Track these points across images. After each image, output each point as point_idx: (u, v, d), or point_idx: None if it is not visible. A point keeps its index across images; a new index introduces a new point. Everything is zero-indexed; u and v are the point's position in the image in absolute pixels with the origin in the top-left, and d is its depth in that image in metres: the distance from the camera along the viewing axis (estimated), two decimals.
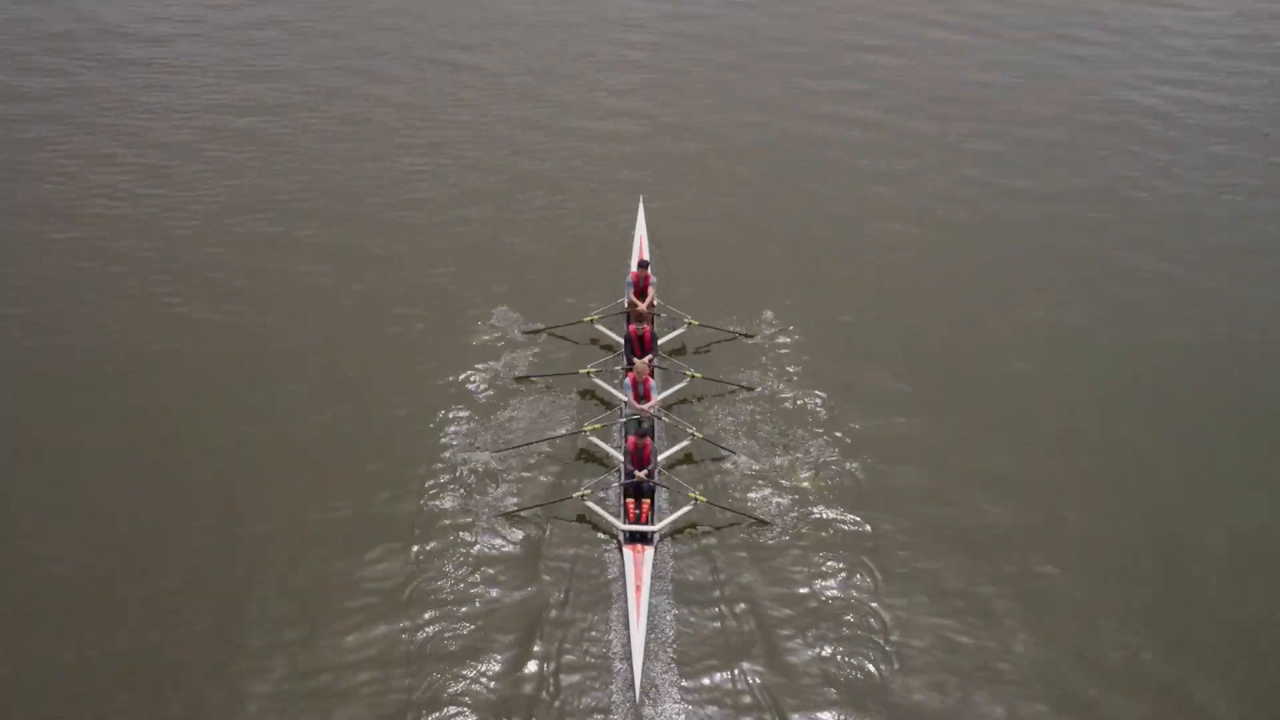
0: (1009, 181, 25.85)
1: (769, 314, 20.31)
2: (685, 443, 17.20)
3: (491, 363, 19.10)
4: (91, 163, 25.59)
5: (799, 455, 17.29)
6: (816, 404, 18.34)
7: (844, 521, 16.29)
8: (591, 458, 17.37)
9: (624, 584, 14.95)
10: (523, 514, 16.17)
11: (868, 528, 16.20)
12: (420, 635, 14.48)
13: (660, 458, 16.68)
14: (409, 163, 25.89)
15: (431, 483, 16.69)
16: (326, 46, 31.39)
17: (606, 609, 14.95)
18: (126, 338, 19.80)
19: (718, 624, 14.78)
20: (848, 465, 17.20)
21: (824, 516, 16.30)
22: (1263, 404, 18.98)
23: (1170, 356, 20.13)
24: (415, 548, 15.67)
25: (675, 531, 16.13)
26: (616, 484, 16.44)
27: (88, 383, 18.76)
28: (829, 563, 15.65)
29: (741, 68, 30.90)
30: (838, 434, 17.79)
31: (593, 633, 14.62)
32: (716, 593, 15.20)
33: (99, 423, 17.87)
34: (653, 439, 16.64)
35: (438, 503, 16.35)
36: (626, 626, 14.34)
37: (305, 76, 29.95)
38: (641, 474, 16.15)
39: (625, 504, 16.09)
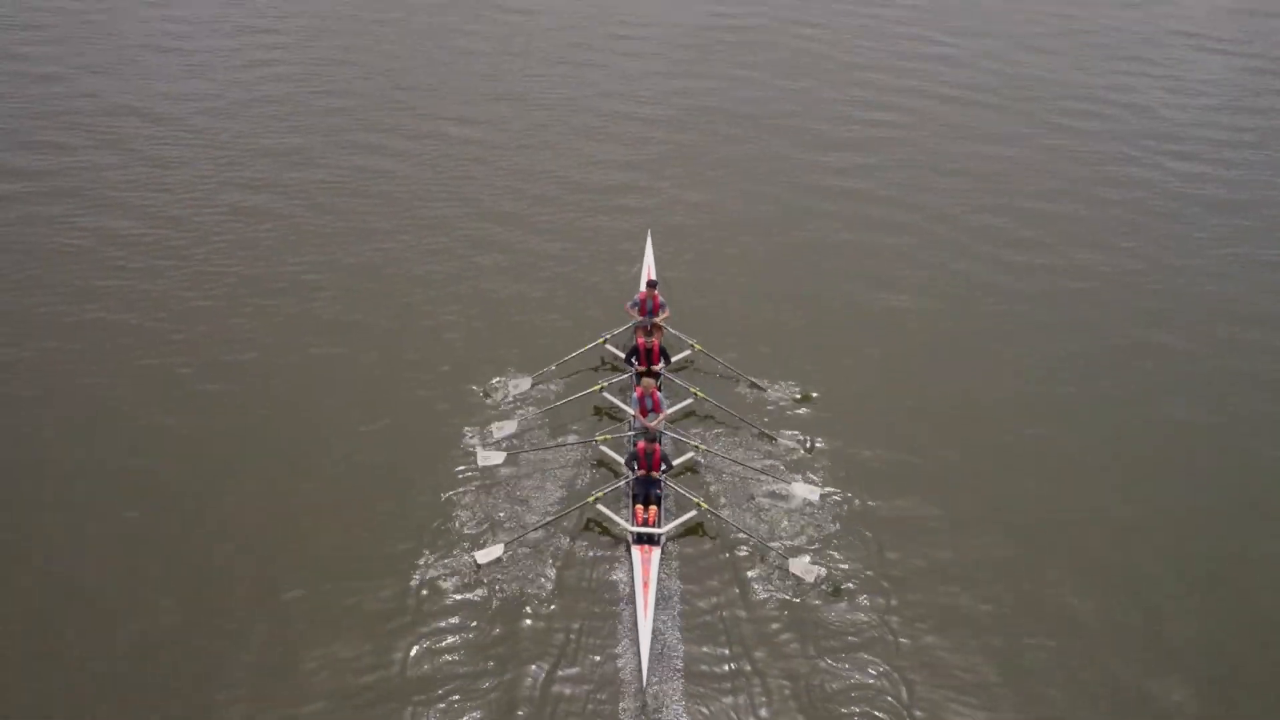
0: (1012, 254, 25.61)
1: (777, 373, 20.57)
2: (690, 454, 18.11)
3: (505, 407, 19.54)
4: (102, 240, 25.19)
5: (799, 474, 18.15)
6: (819, 444, 18.99)
7: (843, 541, 17.05)
8: (603, 465, 18.22)
9: (632, 582, 15.67)
10: (538, 517, 17.02)
11: (864, 549, 16.95)
12: (444, 625, 15.36)
13: (666, 465, 17.34)
14: (420, 236, 25.71)
15: (451, 491, 17.59)
16: (339, 122, 31.64)
17: (616, 605, 15.69)
18: (137, 410, 19.54)
19: (720, 623, 15.52)
20: (847, 493, 17.95)
21: (824, 532, 17.09)
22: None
23: (1186, 433, 19.98)
24: (430, 549, 16.55)
25: (681, 535, 16.91)
26: (626, 490, 17.15)
27: (100, 458, 18.57)
28: (829, 575, 16.34)
29: (747, 140, 31.35)
30: (836, 466, 18.52)
31: (602, 627, 15.36)
32: (718, 598, 15.92)
33: (108, 498, 17.70)
34: (661, 446, 16.80)
35: (454, 508, 17.21)
36: (635, 620, 15.01)
37: (316, 152, 29.75)
38: (652, 474, 16.90)
39: (634, 509, 16.85)
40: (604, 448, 18.05)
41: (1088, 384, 20.91)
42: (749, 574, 16.24)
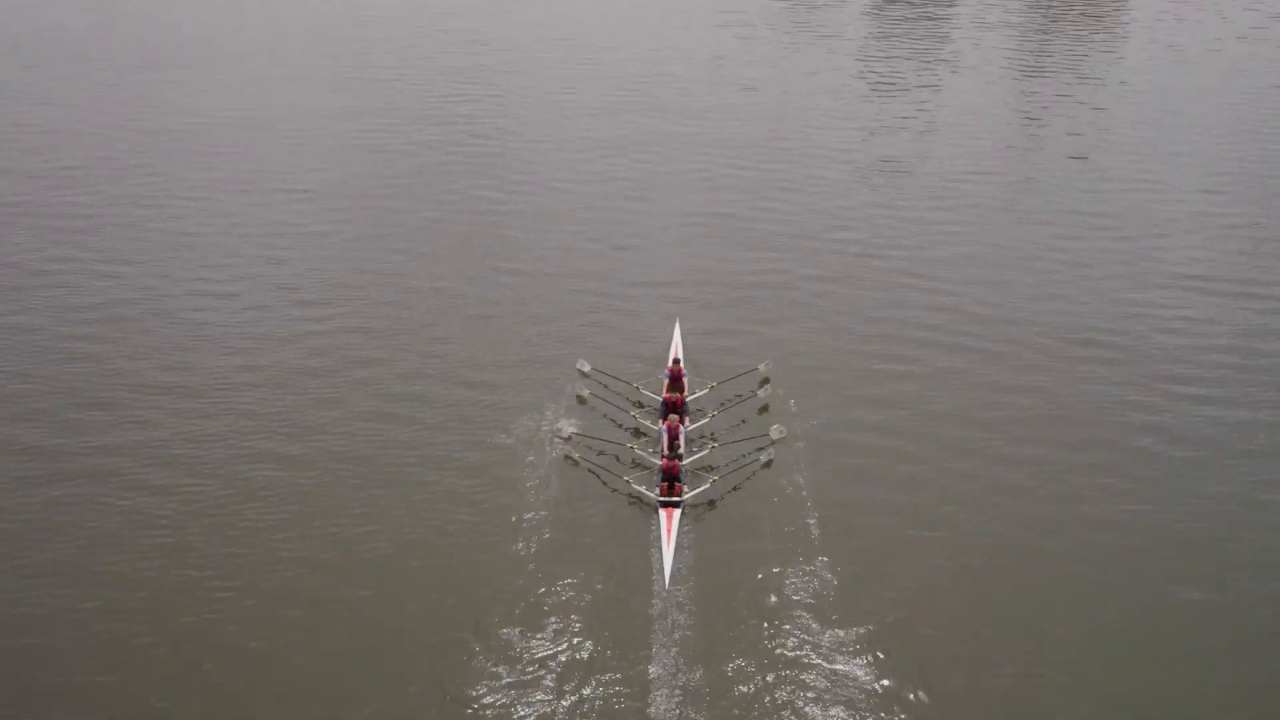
0: (1037, 506, 25.52)
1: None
2: (705, 451, 26.35)
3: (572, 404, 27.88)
4: (138, 519, 24.68)
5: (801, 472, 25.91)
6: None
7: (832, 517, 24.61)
8: (636, 465, 26.25)
9: (659, 530, 23.57)
10: (590, 493, 25.16)
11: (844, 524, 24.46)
12: (536, 569, 22.91)
13: (684, 463, 25.42)
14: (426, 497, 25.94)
15: (529, 483, 25.43)
16: (345, 414, 28.53)
17: (647, 546, 23.59)
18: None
19: (722, 557, 23.27)
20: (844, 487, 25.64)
21: (821, 515, 24.42)
22: None
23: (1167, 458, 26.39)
24: (521, 519, 24.42)
25: (696, 505, 24.68)
26: (656, 478, 25.12)
27: None
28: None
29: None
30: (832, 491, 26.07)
31: (638, 561, 23.19)
32: (723, 546, 23.61)
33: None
34: (681, 463, 25.12)
35: (535, 494, 25.10)
36: (661, 550, 23.02)
37: (326, 428, 27.97)
38: (674, 474, 24.87)
39: (660, 486, 24.51)
40: (638, 450, 26.38)
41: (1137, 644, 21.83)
42: (748, 534, 23.76)
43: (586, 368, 29.16)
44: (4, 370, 30.16)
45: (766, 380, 29.12)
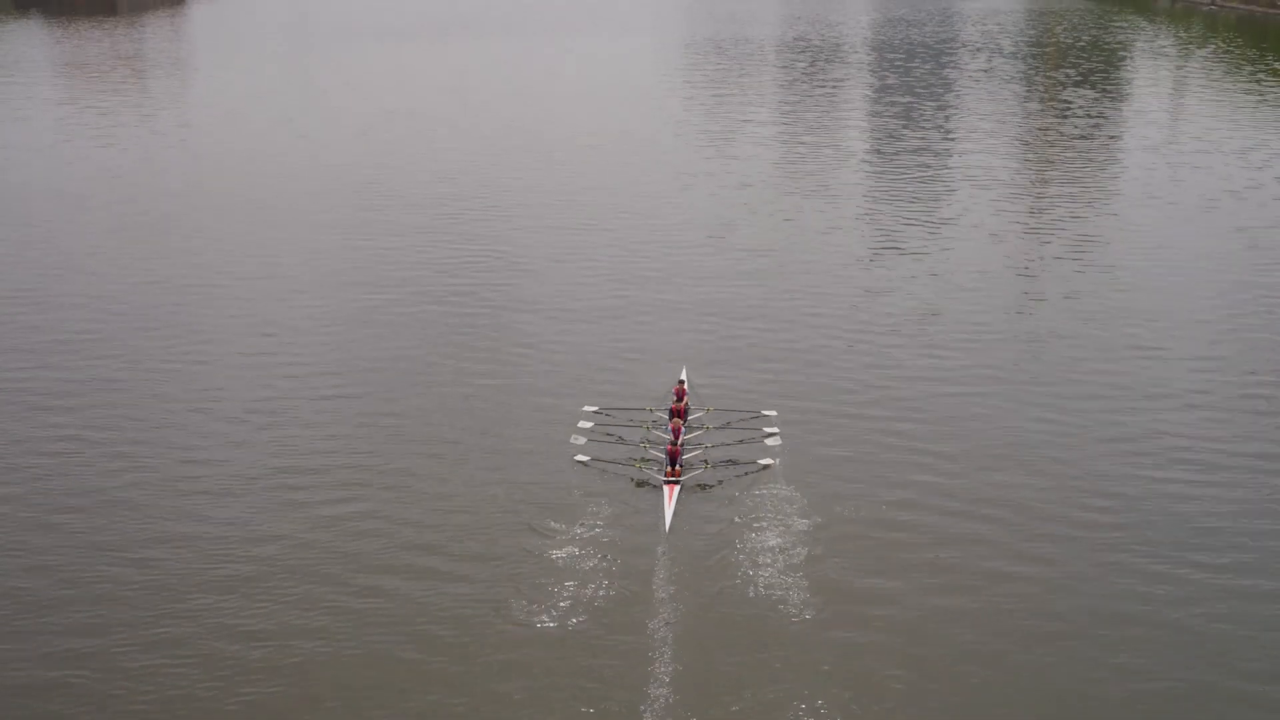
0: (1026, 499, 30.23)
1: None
2: (699, 470, 32.19)
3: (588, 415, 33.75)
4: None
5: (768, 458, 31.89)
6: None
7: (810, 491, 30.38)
8: (646, 461, 32.41)
9: (663, 501, 29.91)
10: (606, 477, 31.46)
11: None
12: (562, 532, 28.99)
13: (684, 457, 31.81)
14: None
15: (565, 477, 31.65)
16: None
17: (655, 513, 29.69)
18: None
19: (713, 519, 29.34)
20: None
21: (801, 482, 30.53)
22: None
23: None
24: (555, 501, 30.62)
25: (694, 486, 30.97)
26: (659, 472, 31.39)
27: None
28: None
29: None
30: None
31: (645, 519, 29.33)
32: (713, 510, 29.73)
33: None
34: (681, 453, 31.60)
35: (568, 483, 31.15)
36: (664, 512, 29.31)
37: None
38: (675, 457, 31.41)
39: (666, 471, 31.04)
40: (648, 450, 32.55)
41: None
42: (732, 503, 29.83)
43: (590, 422, 33.48)
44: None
45: (773, 433, 32.82)
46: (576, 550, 27.50)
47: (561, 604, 25.59)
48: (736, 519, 28.99)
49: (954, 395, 36.24)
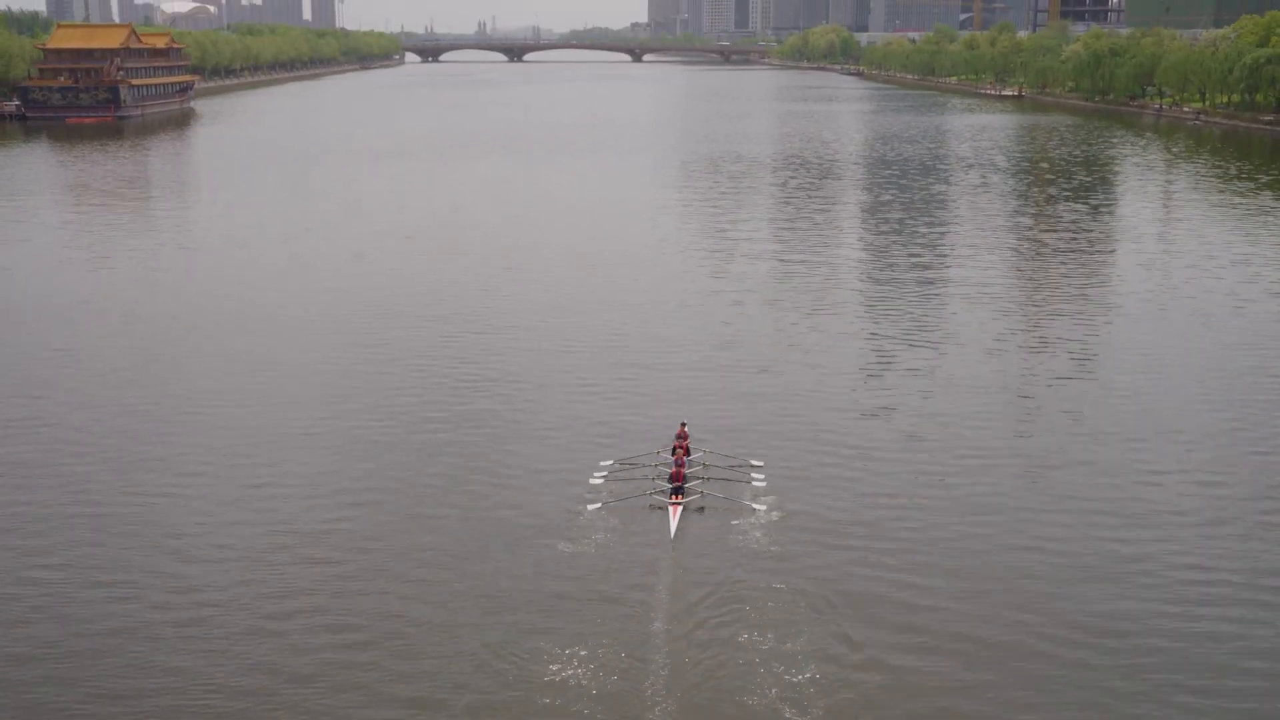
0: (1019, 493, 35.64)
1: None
2: (695, 495, 35.42)
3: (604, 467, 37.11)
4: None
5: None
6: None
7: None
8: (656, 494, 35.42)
9: (668, 517, 33.31)
10: (619, 507, 34.62)
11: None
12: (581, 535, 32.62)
13: (687, 484, 35.04)
14: None
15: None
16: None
17: (664, 527, 33.08)
18: None
19: (709, 532, 32.70)
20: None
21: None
22: None
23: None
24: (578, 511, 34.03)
25: (694, 508, 34.21)
26: (666, 498, 34.60)
27: None
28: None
29: None
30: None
31: (653, 534, 32.71)
32: (709, 526, 33.03)
33: None
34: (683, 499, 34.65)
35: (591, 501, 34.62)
36: (669, 524, 32.85)
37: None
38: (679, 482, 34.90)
39: (670, 497, 34.42)
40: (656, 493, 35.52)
41: None
42: (728, 523, 33.05)
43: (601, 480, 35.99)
44: None
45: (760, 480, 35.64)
46: (592, 555, 31.29)
47: (576, 601, 29.17)
48: (730, 536, 32.51)
49: (958, 524, 33.96)
